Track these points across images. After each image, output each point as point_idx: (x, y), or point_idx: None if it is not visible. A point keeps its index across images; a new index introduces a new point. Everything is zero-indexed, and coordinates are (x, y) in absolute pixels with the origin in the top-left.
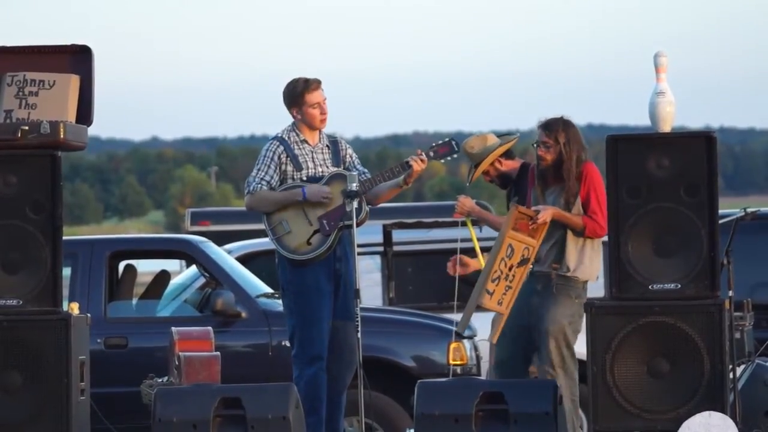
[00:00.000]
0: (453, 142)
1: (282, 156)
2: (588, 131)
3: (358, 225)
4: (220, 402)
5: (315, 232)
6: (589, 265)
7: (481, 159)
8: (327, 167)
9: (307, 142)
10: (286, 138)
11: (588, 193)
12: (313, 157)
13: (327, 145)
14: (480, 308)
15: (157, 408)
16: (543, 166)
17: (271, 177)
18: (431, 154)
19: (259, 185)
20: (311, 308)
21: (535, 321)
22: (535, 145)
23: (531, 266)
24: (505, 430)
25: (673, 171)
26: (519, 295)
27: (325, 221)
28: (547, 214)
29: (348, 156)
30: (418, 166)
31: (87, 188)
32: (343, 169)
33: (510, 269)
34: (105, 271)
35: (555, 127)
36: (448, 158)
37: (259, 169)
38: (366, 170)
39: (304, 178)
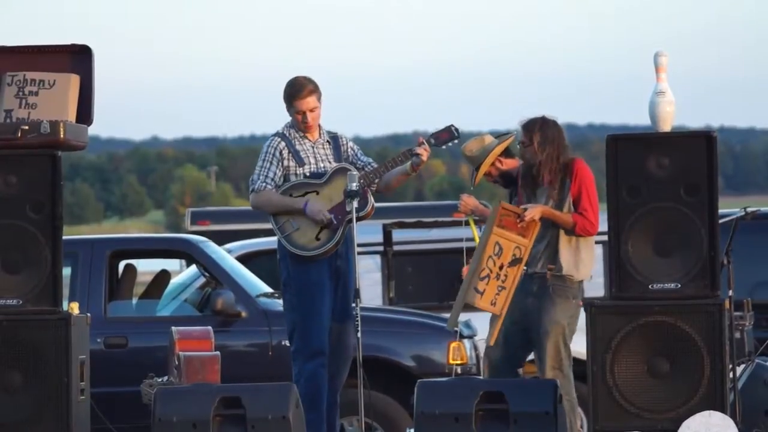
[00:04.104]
0: (453, 128)
1: (284, 152)
2: (588, 131)
3: (365, 218)
4: (219, 402)
5: (323, 227)
6: (583, 264)
7: (481, 161)
8: (329, 162)
9: (307, 137)
10: (287, 134)
11: (579, 190)
12: (314, 152)
13: (327, 141)
14: (471, 307)
15: (157, 407)
16: (524, 166)
17: (275, 174)
18: (432, 141)
19: (264, 184)
20: (314, 303)
21: (531, 323)
22: (519, 146)
23: (525, 269)
24: (505, 429)
25: (673, 170)
26: (514, 296)
27: (332, 215)
28: (534, 211)
29: (349, 149)
30: (425, 155)
31: (87, 188)
32: (346, 164)
33: (501, 268)
34: (105, 271)
35: (531, 126)
36: (449, 144)
37: (261, 167)
38: (371, 160)
39: (307, 174)
